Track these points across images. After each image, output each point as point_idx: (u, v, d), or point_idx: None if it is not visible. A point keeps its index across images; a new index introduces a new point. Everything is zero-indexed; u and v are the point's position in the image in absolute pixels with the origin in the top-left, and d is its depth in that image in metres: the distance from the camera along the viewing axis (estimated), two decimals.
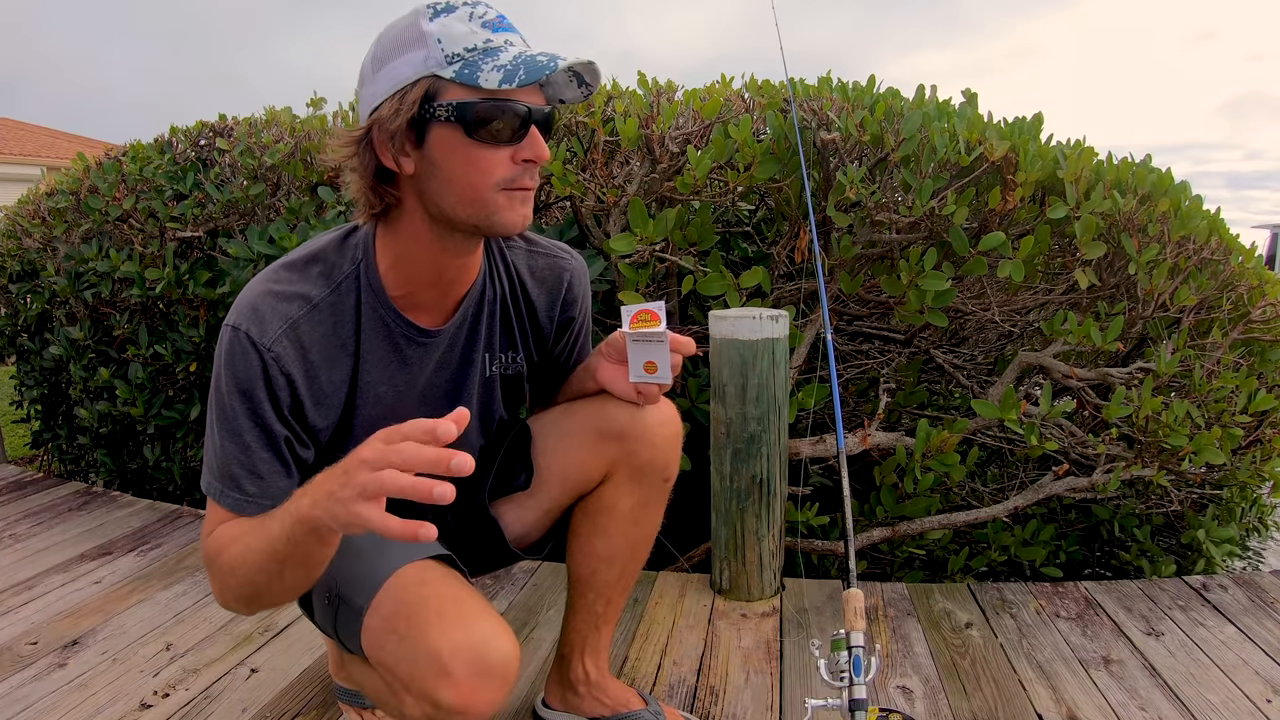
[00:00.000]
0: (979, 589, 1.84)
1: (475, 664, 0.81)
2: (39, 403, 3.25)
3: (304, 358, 0.91)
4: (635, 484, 1.13)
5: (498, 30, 0.85)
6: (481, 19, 0.85)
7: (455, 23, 0.84)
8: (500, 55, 0.83)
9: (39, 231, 2.86)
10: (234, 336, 0.88)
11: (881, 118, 1.86)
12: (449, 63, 0.82)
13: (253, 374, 0.87)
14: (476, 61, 0.82)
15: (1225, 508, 2.31)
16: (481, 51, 0.83)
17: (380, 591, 0.87)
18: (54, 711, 1.40)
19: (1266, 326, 2.15)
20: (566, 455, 1.14)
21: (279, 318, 0.89)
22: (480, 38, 0.84)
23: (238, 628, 1.69)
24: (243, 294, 0.92)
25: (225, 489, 0.89)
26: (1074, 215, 1.85)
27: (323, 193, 2.16)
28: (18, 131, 13.47)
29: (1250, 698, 1.40)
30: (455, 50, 0.82)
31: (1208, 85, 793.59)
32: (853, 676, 0.93)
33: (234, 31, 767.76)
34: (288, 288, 0.91)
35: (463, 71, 0.81)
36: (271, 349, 0.88)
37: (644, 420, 1.10)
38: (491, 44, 0.84)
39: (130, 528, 2.30)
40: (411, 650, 0.82)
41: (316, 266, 0.94)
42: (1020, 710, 1.37)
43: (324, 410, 0.95)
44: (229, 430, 0.88)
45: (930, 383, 2.34)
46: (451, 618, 0.83)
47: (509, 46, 0.85)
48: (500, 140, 0.84)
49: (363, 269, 0.95)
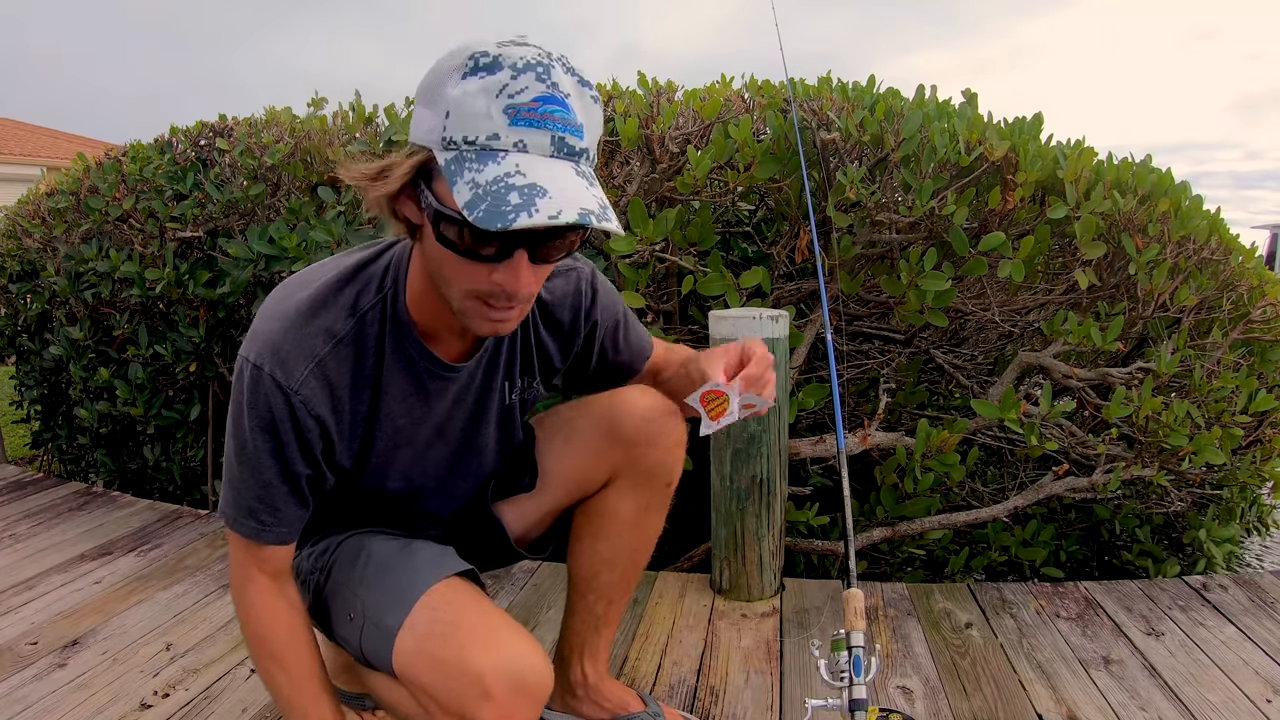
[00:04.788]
0: (979, 589, 1.84)
1: (514, 683, 0.83)
2: (39, 403, 3.25)
3: (331, 394, 0.88)
4: (638, 488, 1.13)
5: (516, 124, 0.71)
6: (510, 99, 0.71)
7: (478, 96, 0.71)
8: (486, 167, 0.70)
9: (39, 231, 2.86)
10: (256, 376, 0.83)
11: (881, 118, 1.86)
12: (444, 147, 0.72)
13: (279, 416, 0.84)
14: (464, 164, 0.71)
15: (1225, 508, 2.31)
16: (478, 151, 0.71)
17: (413, 611, 0.87)
18: (54, 711, 1.40)
19: (1266, 326, 2.15)
20: (571, 458, 1.13)
21: (304, 356, 0.84)
22: (489, 128, 0.71)
23: (237, 628, 1.68)
24: (262, 323, 0.86)
25: (240, 518, 0.88)
26: (1074, 215, 1.85)
27: (323, 193, 2.16)
28: (18, 131, 13.47)
29: (1250, 698, 1.40)
30: (456, 135, 0.72)
31: (1208, 85, 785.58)
32: (853, 676, 0.93)
33: (234, 30, 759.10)
34: (311, 321, 0.85)
35: (449, 167, 0.71)
36: (299, 391, 0.84)
37: (650, 426, 1.09)
38: (494, 145, 0.71)
39: (130, 528, 2.30)
40: (449, 671, 0.83)
41: (341, 295, 0.88)
42: (1020, 710, 1.37)
43: (348, 443, 0.92)
44: (250, 467, 0.86)
45: (930, 383, 2.34)
46: (488, 638, 0.85)
47: (513, 153, 0.71)
48: (465, 252, 0.75)
49: (389, 300, 0.89)
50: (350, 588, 0.95)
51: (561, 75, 0.73)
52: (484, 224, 0.67)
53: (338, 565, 1.00)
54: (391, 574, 0.93)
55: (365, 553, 0.98)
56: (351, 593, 0.95)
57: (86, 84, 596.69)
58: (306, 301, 0.86)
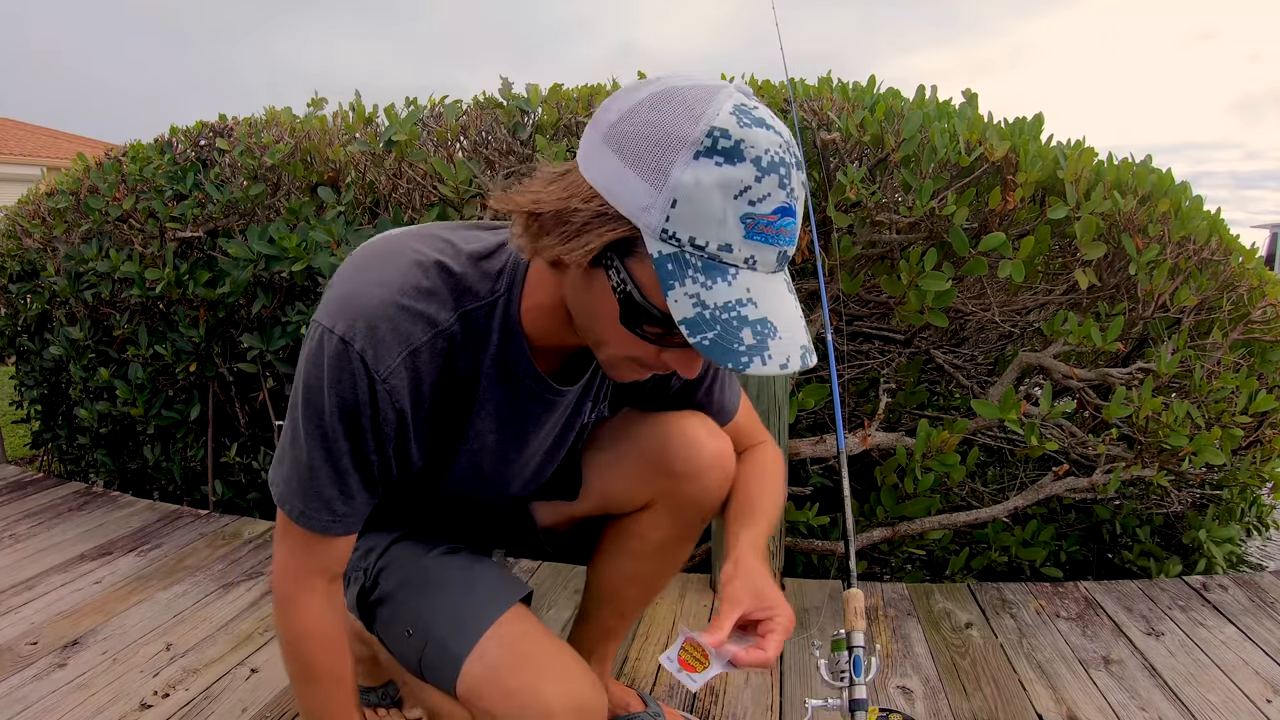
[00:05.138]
0: (979, 589, 1.84)
1: (578, 714, 0.84)
2: (39, 403, 3.25)
3: (417, 390, 0.80)
4: (674, 518, 1.09)
5: (752, 237, 0.63)
6: (750, 207, 0.62)
7: (714, 192, 0.61)
8: (717, 284, 0.63)
9: (39, 231, 2.86)
10: (344, 352, 0.75)
11: (882, 118, 1.86)
12: (661, 238, 0.63)
13: (361, 400, 0.77)
14: (686, 270, 0.63)
15: (1225, 508, 2.31)
16: (705, 260, 0.63)
17: (483, 641, 0.87)
18: (54, 711, 1.40)
19: (1266, 327, 2.15)
20: (614, 479, 1.09)
21: (400, 341, 0.76)
22: (722, 236, 0.63)
23: (238, 628, 1.69)
24: (355, 289, 0.77)
25: (311, 510, 0.81)
26: (1074, 215, 1.85)
27: (323, 193, 2.16)
28: (18, 131, 13.47)
29: (1250, 698, 1.40)
30: (681, 233, 0.62)
31: (1208, 85, 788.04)
32: (853, 676, 0.93)
33: (235, 29, 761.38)
34: (415, 303, 0.77)
35: (664, 265, 0.63)
36: (388, 380, 0.77)
37: (699, 461, 1.03)
38: (725, 257, 0.63)
39: (130, 528, 2.30)
40: (520, 702, 0.84)
41: (450, 280, 0.79)
42: (1020, 710, 1.37)
43: (422, 447, 0.87)
44: (326, 450, 0.79)
45: (930, 383, 2.34)
46: (558, 673, 0.87)
47: (744, 271, 0.64)
48: (652, 340, 0.70)
49: (502, 306, 0.81)
50: (405, 602, 0.94)
51: (796, 175, 0.65)
52: (713, 356, 0.62)
53: (388, 574, 0.97)
54: (454, 595, 0.92)
55: (420, 567, 0.96)
56: (407, 608, 0.93)
57: (86, 83, 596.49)
58: (412, 278, 0.78)
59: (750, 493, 1.04)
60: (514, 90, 2.13)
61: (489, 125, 2.12)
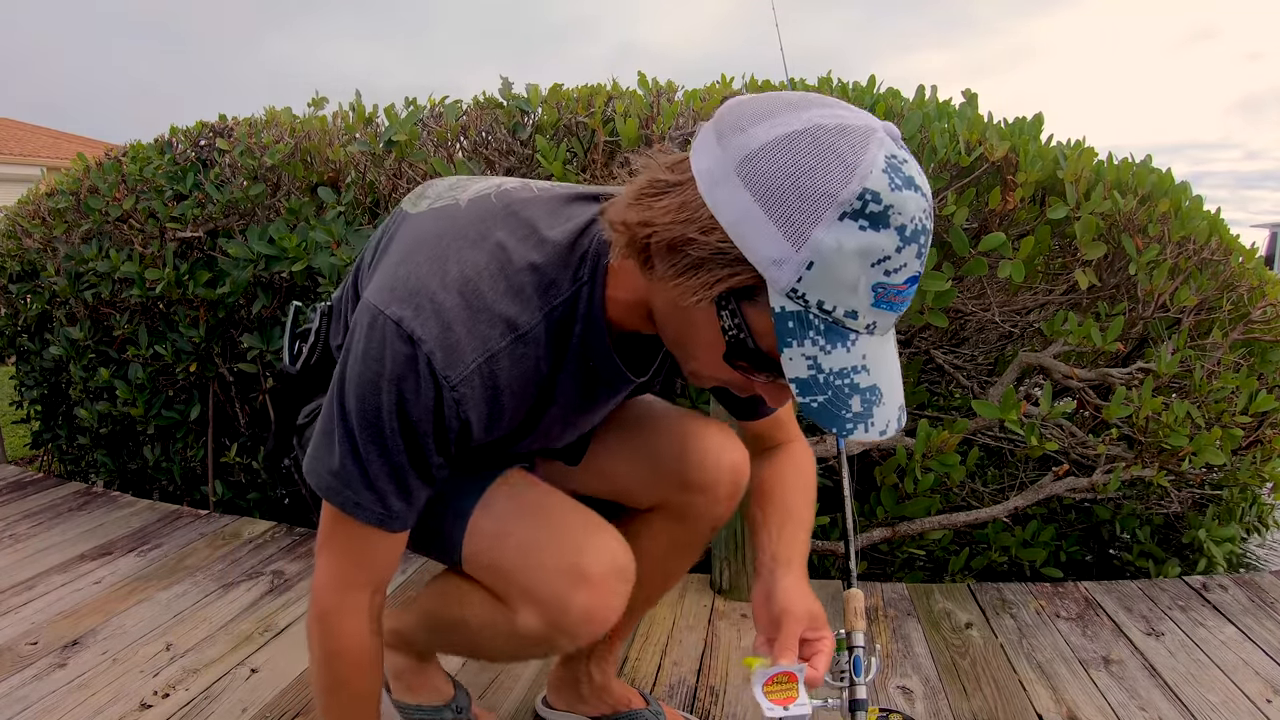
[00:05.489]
0: (979, 589, 1.84)
1: (612, 566, 0.78)
2: (39, 403, 3.25)
3: (492, 399, 0.74)
4: (682, 526, 1.06)
5: (878, 306, 0.60)
6: (884, 278, 0.59)
7: (853, 260, 0.58)
8: (834, 350, 0.60)
9: (39, 232, 2.86)
10: (412, 353, 0.69)
11: (882, 118, 1.85)
12: (789, 296, 0.59)
13: (424, 406, 0.71)
14: (807, 330, 0.60)
15: (1225, 508, 2.31)
16: (829, 324, 0.60)
17: (490, 489, 0.80)
18: (54, 711, 1.40)
19: (1266, 327, 2.15)
20: (623, 471, 1.05)
21: (476, 347, 0.70)
22: (851, 304, 0.60)
23: (238, 628, 1.69)
24: (424, 276, 0.70)
25: (365, 502, 0.75)
26: (1074, 216, 1.85)
27: (323, 193, 2.16)
28: (18, 131, 13.47)
29: (1250, 698, 1.40)
30: (810, 295, 0.59)
31: (1208, 85, 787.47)
32: (853, 677, 0.92)
33: (235, 29, 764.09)
34: (496, 304, 0.71)
35: (785, 321, 0.60)
36: (458, 388, 0.70)
37: (714, 473, 1.00)
38: (849, 324, 0.60)
39: (130, 528, 2.30)
40: (537, 555, 0.77)
41: (535, 276, 0.73)
42: (1020, 710, 1.37)
43: (491, 434, 0.80)
44: (379, 444, 0.73)
45: (930, 383, 2.34)
46: (579, 521, 0.80)
47: (863, 338, 0.62)
48: (746, 373, 0.68)
49: (587, 296, 0.75)
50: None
51: (928, 240, 0.62)
52: (818, 420, 0.61)
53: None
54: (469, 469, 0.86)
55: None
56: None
57: (87, 83, 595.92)
58: (495, 272, 0.71)
59: (792, 502, 0.99)
60: (514, 90, 2.13)
61: (489, 125, 2.12)
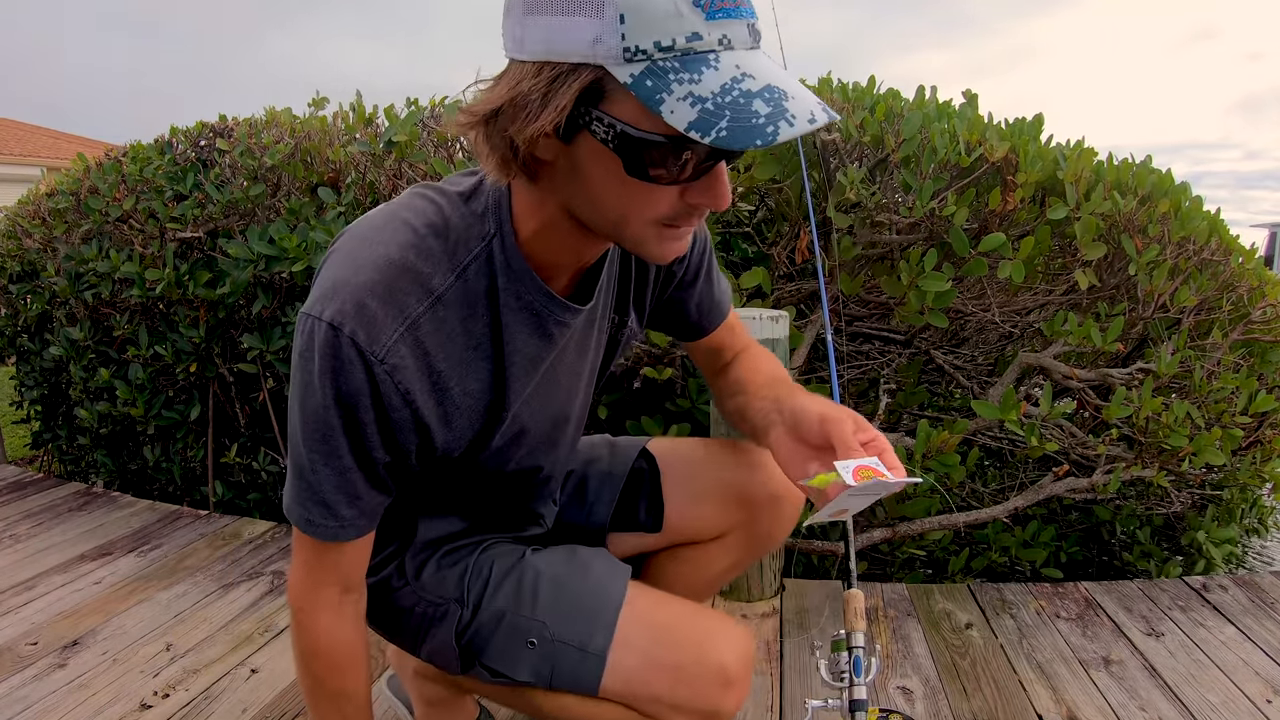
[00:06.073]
0: (979, 589, 1.84)
1: (747, 658, 0.83)
2: (39, 403, 3.25)
3: (427, 367, 0.73)
4: (742, 549, 1.09)
5: (714, 17, 0.57)
6: None
7: None
8: (703, 73, 0.57)
9: (39, 232, 2.86)
10: (333, 340, 0.68)
11: (882, 118, 1.86)
12: (627, 59, 0.57)
13: (358, 388, 0.70)
14: (666, 76, 0.57)
15: (1225, 508, 2.31)
16: (679, 56, 0.57)
17: (620, 627, 0.83)
18: (54, 712, 1.40)
19: (1266, 327, 2.15)
20: (696, 517, 1.08)
21: (394, 316, 0.70)
22: (685, 27, 0.57)
23: (238, 628, 1.69)
24: (340, 273, 0.71)
25: (315, 517, 0.76)
26: (1074, 216, 1.85)
27: (323, 193, 2.16)
28: (18, 131, 13.47)
29: (1250, 698, 1.40)
30: (644, 42, 0.56)
31: (1208, 85, 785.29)
32: (853, 677, 0.93)
33: (235, 29, 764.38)
34: (404, 272, 0.71)
35: (643, 84, 0.57)
36: (386, 360, 0.70)
37: (773, 490, 1.04)
38: (698, 46, 0.57)
39: (130, 528, 2.30)
40: (689, 673, 0.81)
41: (442, 238, 0.73)
42: (1020, 710, 1.37)
43: (455, 429, 0.79)
44: (325, 450, 0.73)
45: (930, 383, 2.34)
46: (709, 628, 0.85)
47: (722, 54, 0.58)
48: (668, 180, 0.63)
49: (496, 246, 0.74)
50: (514, 608, 0.88)
51: None
52: (732, 143, 0.55)
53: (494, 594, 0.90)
54: (573, 590, 0.88)
55: (532, 571, 0.90)
56: (522, 616, 0.87)
57: (87, 83, 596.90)
58: (398, 248, 0.71)
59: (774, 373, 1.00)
60: None
61: None
